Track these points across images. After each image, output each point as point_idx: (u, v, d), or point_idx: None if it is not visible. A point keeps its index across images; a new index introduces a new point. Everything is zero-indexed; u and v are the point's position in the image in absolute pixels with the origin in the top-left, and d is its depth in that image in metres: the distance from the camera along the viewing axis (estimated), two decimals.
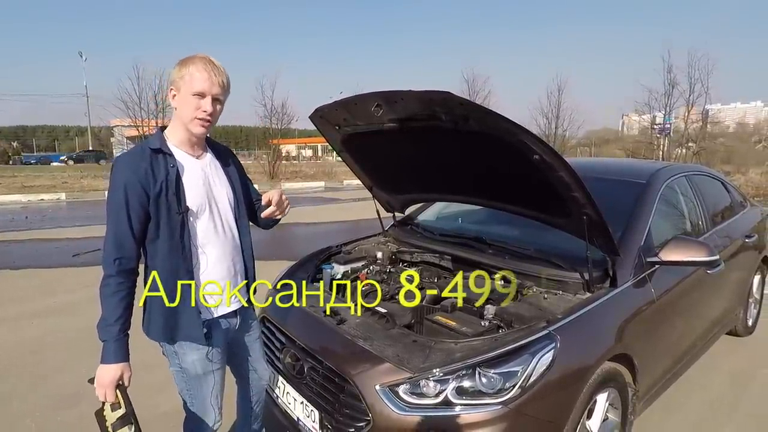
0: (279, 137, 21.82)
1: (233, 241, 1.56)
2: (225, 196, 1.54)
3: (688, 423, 2.49)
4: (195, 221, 1.44)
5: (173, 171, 1.39)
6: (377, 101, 1.88)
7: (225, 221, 1.54)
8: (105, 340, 1.32)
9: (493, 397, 1.47)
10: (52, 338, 3.57)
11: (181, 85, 1.38)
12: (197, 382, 1.51)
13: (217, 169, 1.55)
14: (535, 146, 1.62)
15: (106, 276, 1.33)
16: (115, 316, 1.31)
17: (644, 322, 1.98)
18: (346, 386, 1.62)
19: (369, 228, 3.06)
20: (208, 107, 1.39)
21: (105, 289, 1.33)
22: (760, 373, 3.05)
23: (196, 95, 1.37)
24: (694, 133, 19.58)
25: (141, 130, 19.17)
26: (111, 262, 1.32)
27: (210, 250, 1.48)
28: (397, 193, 2.84)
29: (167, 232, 1.37)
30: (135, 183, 1.32)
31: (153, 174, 1.35)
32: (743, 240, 3.16)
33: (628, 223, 2.22)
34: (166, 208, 1.36)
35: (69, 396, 2.69)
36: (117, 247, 1.33)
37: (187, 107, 1.38)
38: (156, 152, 1.39)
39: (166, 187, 1.36)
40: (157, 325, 1.42)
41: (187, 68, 1.37)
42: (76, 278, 5.16)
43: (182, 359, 1.47)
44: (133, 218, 1.33)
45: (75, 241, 7.40)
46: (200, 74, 1.36)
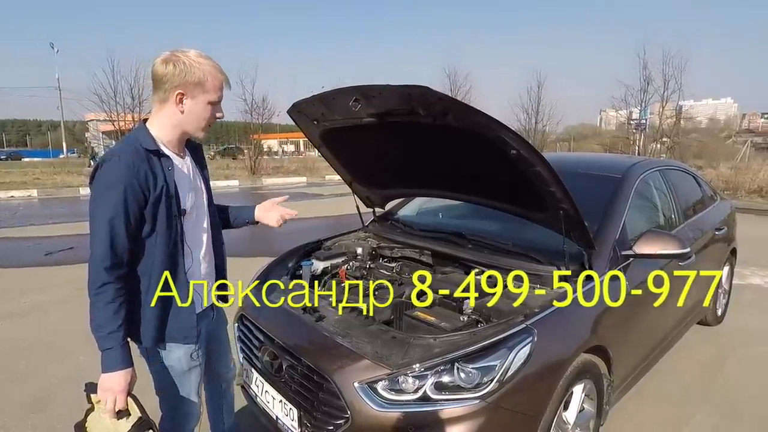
0: (260, 132, 21.49)
1: (210, 239, 1.56)
2: (203, 195, 1.53)
3: (661, 410, 2.56)
4: (186, 222, 1.42)
5: (170, 174, 1.35)
6: (355, 95, 1.86)
7: (205, 220, 1.54)
8: (109, 348, 1.26)
9: (472, 392, 1.48)
10: (23, 341, 3.45)
11: (196, 92, 1.31)
12: (181, 379, 1.49)
13: (194, 167, 1.52)
14: (513, 141, 1.62)
15: (102, 284, 1.24)
16: (117, 323, 1.26)
17: (619, 314, 2.02)
18: (324, 384, 1.61)
19: (352, 224, 3.04)
20: (222, 114, 1.39)
21: (101, 297, 1.24)
22: (728, 361, 3.16)
23: (212, 103, 1.35)
24: (668, 129, 20.08)
25: (117, 125, 18.58)
26: (107, 269, 1.24)
27: (197, 248, 1.49)
28: (377, 188, 2.83)
29: (165, 235, 1.34)
30: (135, 185, 1.26)
31: (153, 176, 1.30)
32: (713, 233, 3.26)
33: (603, 217, 2.26)
34: (165, 212, 1.32)
35: (40, 399, 2.60)
36: (113, 253, 1.25)
37: (201, 113, 1.35)
38: (151, 153, 1.32)
39: (166, 189, 1.32)
40: (151, 329, 1.38)
41: (206, 66, 1.31)
42: (48, 278, 4.98)
43: (166, 357, 1.45)
44: (131, 221, 1.28)
45: (47, 239, 7.16)
46: (218, 78, 1.33)
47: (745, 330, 3.66)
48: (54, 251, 6.18)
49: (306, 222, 8.85)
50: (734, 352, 3.28)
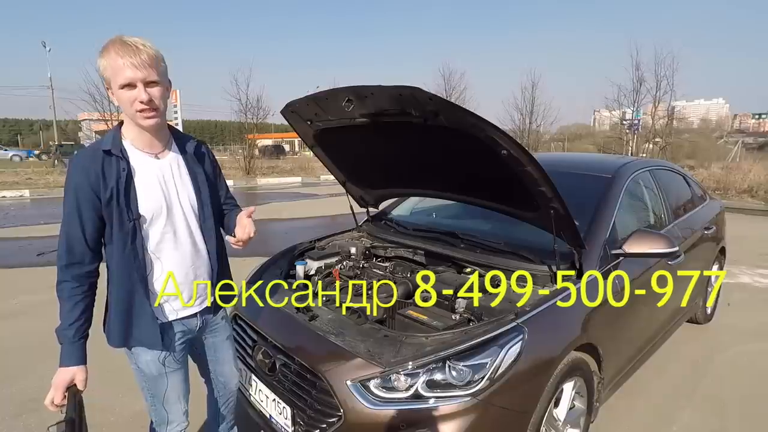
0: (255, 132, 21.41)
1: (193, 246, 1.45)
2: (187, 197, 1.43)
3: (651, 407, 2.60)
4: (149, 227, 1.35)
5: (124, 175, 1.29)
6: (348, 96, 1.88)
7: (185, 225, 1.43)
8: (61, 344, 1.28)
9: (463, 389, 1.50)
10: (14, 341, 3.44)
11: (108, 80, 1.24)
12: (154, 383, 1.46)
13: (179, 168, 1.43)
14: (503, 142, 1.64)
15: (60, 280, 1.28)
16: (69, 320, 1.27)
17: (609, 312, 2.04)
18: (317, 382, 1.62)
19: (346, 223, 3.06)
20: (143, 96, 1.23)
21: (59, 293, 1.29)
22: (717, 358, 3.20)
23: (125, 87, 1.23)
24: (661, 129, 20.25)
25: (110, 124, 18.44)
26: (63, 267, 1.28)
27: (167, 255, 1.39)
28: (370, 188, 2.84)
29: (120, 238, 1.31)
30: (86, 187, 1.25)
31: (104, 178, 1.27)
32: (703, 232, 3.31)
33: (593, 216, 2.29)
34: (117, 215, 1.29)
35: (32, 401, 2.59)
36: (68, 252, 1.28)
37: (124, 102, 1.25)
38: (107, 153, 1.29)
39: (117, 193, 1.28)
40: (115, 330, 1.38)
41: (105, 60, 1.23)
42: (39, 278, 4.98)
43: (137, 359, 1.43)
44: (85, 223, 1.27)
45: (39, 239, 7.11)
46: (117, 63, 1.21)
47: (734, 328, 3.71)
48: (46, 252, 6.16)
49: (302, 222, 8.86)
50: (723, 350, 3.32)
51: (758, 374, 2.98)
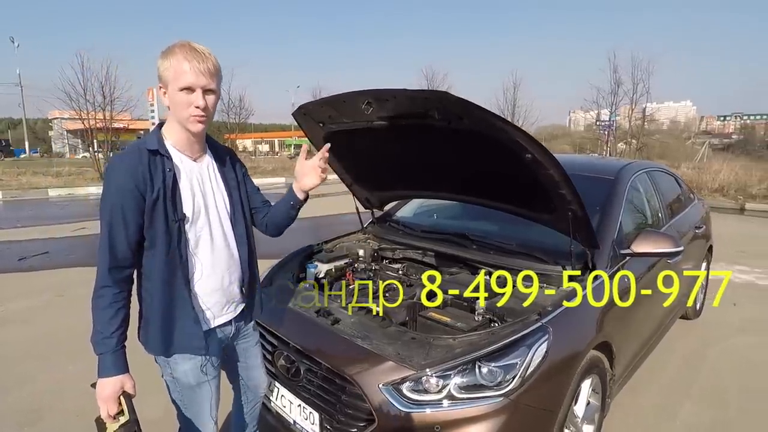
0: (237, 132, 21.09)
1: (227, 250, 1.46)
2: (222, 201, 1.46)
3: (654, 402, 2.69)
4: (189, 228, 1.35)
5: (170, 175, 1.30)
6: (367, 99, 1.88)
7: (220, 228, 1.44)
8: (102, 353, 1.24)
9: (495, 390, 1.52)
10: (5, 350, 3.30)
11: (167, 81, 1.28)
12: (190, 393, 1.44)
13: (215, 172, 1.46)
14: (528, 145, 1.67)
15: (102, 286, 1.24)
16: (112, 329, 1.24)
17: (621, 310, 2.10)
18: (347, 386, 1.62)
19: (336, 224, 3.05)
20: (200, 102, 1.27)
21: (100, 301, 1.24)
22: (708, 352, 3.34)
23: (184, 90, 1.26)
24: (636, 130, 20.91)
25: (87, 123, 17.80)
26: (106, 272, 1.24)
27: (204, 259, 1.39)
28: (378, 189, 2.84)
29: (164, 240, 1.29)
30: (132, 187, 1.23)
31: (151, 178, 1.26)
32: (694, 230, 3.43)
33: (601, 217, 2.35)
34: (162, 215, 1.28)
35: (31, 411, 2.49)
36: (112, 256, 1.24)
37: (179, 105, 1.28)
38: (153, 153, 1.29)
39: (163, 193, 1.27)
40: (156, 338, 1.35)
41: (169, 61, 1.26)
42: (24, 284, 4.73)
43: (174, 369, 1.40)
44: (129, 225, 1.25)
45: (18, 243, 6.83)
46: (182, 66, 1.24)
47: (721, 322, 3.87)
48: (27, 256, 5.91)
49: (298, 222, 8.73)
50: (713, 344, 3.46)
51: (748, 366, 3.12)
